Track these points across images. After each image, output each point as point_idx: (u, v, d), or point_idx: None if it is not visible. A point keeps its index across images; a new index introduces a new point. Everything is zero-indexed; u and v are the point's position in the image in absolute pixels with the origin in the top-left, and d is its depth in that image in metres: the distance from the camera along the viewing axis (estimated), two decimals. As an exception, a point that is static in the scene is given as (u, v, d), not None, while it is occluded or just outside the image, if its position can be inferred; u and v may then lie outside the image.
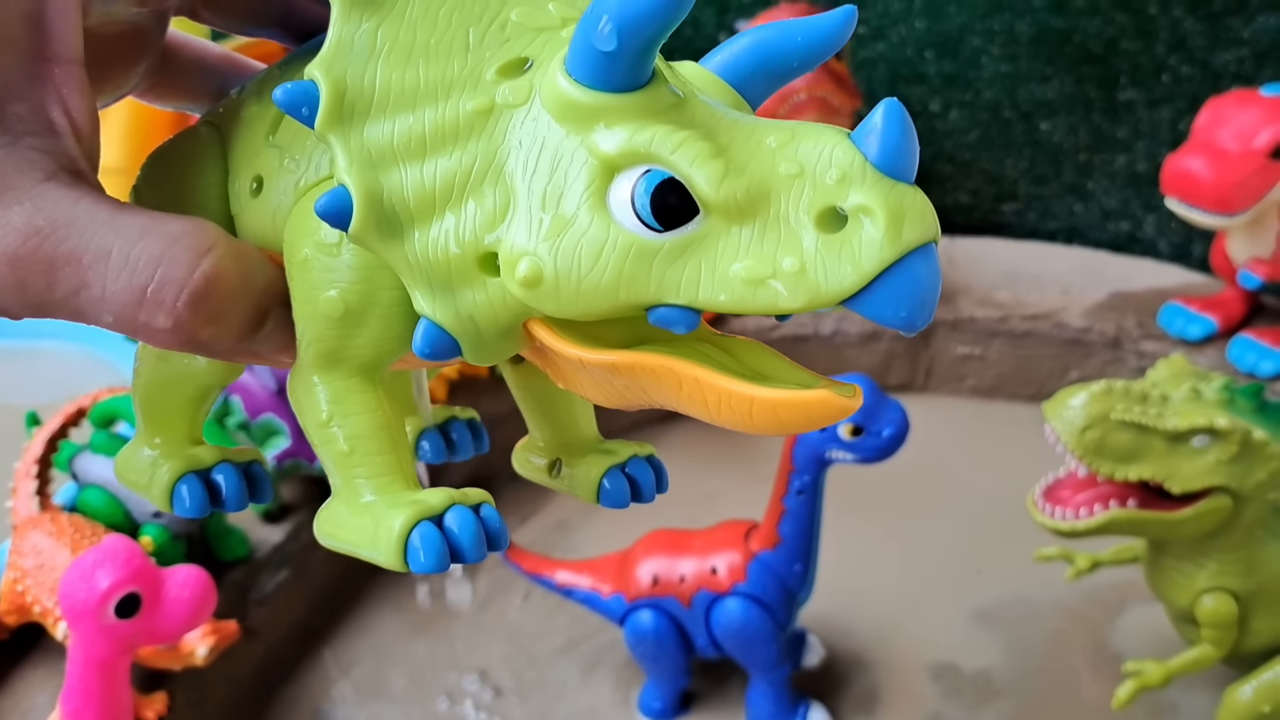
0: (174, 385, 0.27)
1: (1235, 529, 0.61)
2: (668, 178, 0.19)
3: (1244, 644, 0.64)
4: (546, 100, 0.19)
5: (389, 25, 0.20)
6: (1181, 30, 1.00)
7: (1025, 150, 1.10)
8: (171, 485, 0.26)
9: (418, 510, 0.21)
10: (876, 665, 0.74)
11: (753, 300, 0.18)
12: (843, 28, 0.20)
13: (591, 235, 0.19)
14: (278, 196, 0.23)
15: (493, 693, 0.73)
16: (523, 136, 0.20)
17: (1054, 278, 1.02)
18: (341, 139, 0.20)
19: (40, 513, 0.67)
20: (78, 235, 0.20)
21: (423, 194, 0.20)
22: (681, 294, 0.19)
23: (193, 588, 0.55)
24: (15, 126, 0.21)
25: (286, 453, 0.73)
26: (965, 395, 1.01)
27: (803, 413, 0.19)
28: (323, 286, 0.21)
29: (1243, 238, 0.88)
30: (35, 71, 0.21)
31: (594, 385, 0.21)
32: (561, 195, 0.19)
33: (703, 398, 0.20)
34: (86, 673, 0.55)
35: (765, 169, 0.19)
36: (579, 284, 0.19)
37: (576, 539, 0.85)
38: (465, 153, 0.20)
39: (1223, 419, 0.58)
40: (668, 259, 0.19)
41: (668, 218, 0.19)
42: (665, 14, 0.18)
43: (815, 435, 0.60)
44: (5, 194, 0.20)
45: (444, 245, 0.20)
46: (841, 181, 0.18)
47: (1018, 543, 0.75)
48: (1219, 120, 0.82)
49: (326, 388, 0.22)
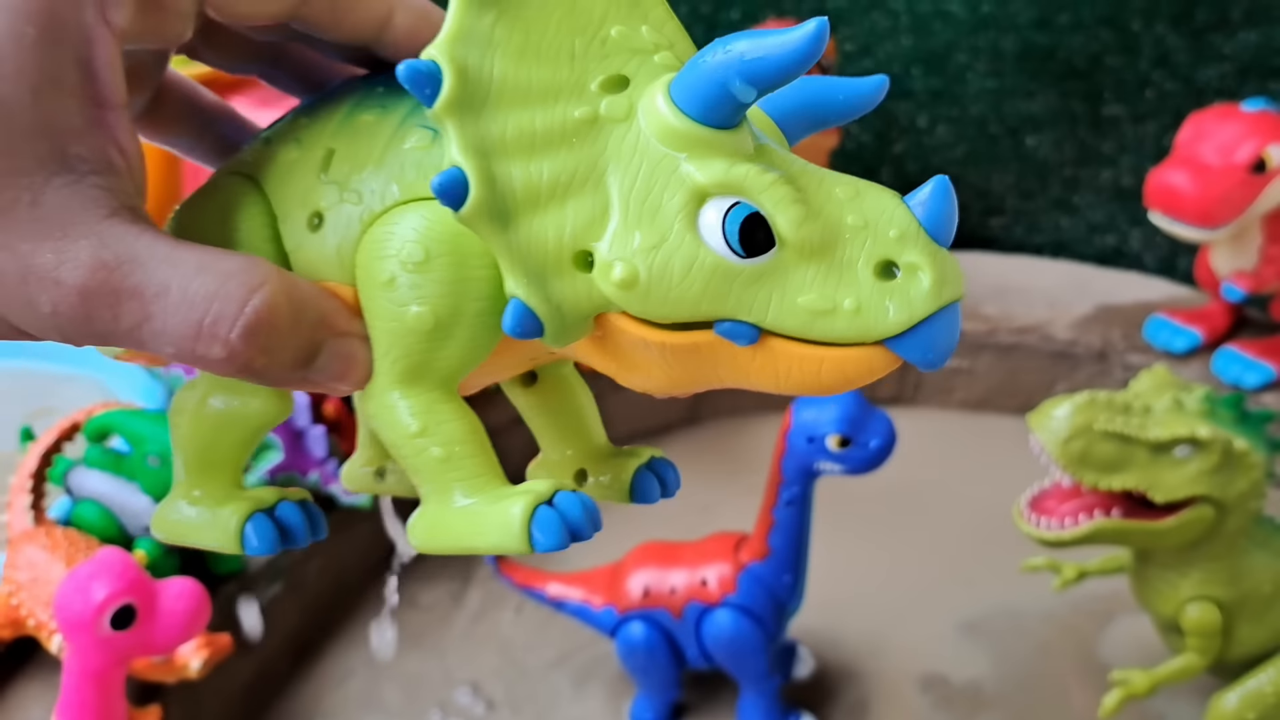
0: (223, 429, 0.27)
1: (1218, 538, 0.62)
2: (754, 212, 0.21)
3: (1228, 653, 0.65)
4: (650, 123, 0.22)
5: (505, 22, 0.22)
6: (1164, 46, 1.01)
7: (1012, 165, 1.12)
8: (241, 527, 0.26)
9: (532, 498, 0.22)
10: (866, 676, 0.75)
11: (811, 328, 0.21)
12: (876, 94, 0.23)
13: (684, 252, 0.21)
14: (341, 229, 0.24)
15: (485, 705, 0.74)
16: (623, 151, 0.22)
17: (1041, 291, 1.03)
18: (458, 124, 0.21)
19: (35, 527, 0.67)
20: (140, 270, 0.22)
21: (530, 189, 0.22)
22: (753, 313, 0.21)
23: (187, 600, 0.55)
24: (78, 166, 0.22)
25: (279, 467, 0.74)
26: (954, 408, 1.02)
27: (866, 365, 0.21)
28: (411, 302, 0.23)
29: (1226, 251, 0.89)
30: (90, 116, 0.22)
31: (660, 369, 0.23)
32: (658, 211, 0.21)
33: (774, 365, 0.22)
34: (82, 684, 0.55)
35: (835, 217, 0.21)
36: (668, 293, 0.21)
37: (568, 552, 0.86)
38: (570, 157, 0.22)
39: (1204, 429, 0.59)
40: (745, 282, 0.21)
41: (750, 247, 0.21)
42: (796, 71, 0.20)
43: (803, 447, 0.61)
44: (72, 229, 0.21)
45: (544, 239, 0.22)
46: (900, 240, 0.21)
47: (1006, 554, 0.76)
48: (1201, 135, 0.83)
49: (412, 401, 0.23)
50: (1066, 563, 0.73)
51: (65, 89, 0.21)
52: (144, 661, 0.60)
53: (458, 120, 0.21)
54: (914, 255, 0.21)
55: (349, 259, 0.24)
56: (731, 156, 0.21)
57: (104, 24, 0.22)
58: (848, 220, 0.21)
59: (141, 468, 0.67)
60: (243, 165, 0.27)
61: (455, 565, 0.85)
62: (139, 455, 0.67)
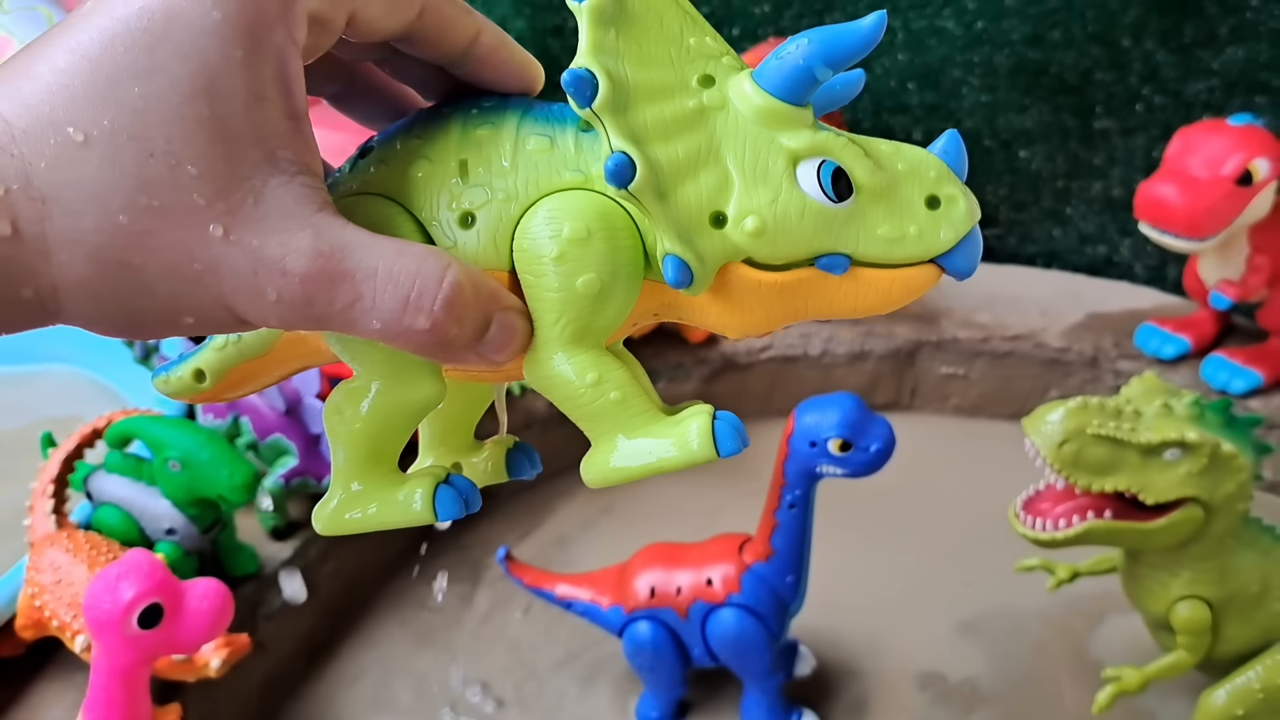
0: (392, 417, 0.30)
1: (1207, 538, 0.63)
2: (838, 167, 0.27)
3: (1217, 650, 0.66)
4: (744, 106, 0.27)
5: (623, 37, 0.26)
6: (1154, 62, 1.03)
7: (1005, 177, 1.13)
8: (431, 499, 0.29)
9: (706, 416, 0.27)
10: (866, 674, 0.76)
11: (890, 253, 0.27)
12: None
13: (795, 202, 0.27)
14: (494, 222, 0.28)
15: (495, 704, 0.75)
16: (729, 131, 0.27)
17: (1034, 300, 1.05)
18: (613, 119, 0.26)
19: (57, 530, 0.69)
20: (351, 256, 0.24)
21: (674, 165, 0.27)
22: (847, 246, 0.27)
23: (211, 599, 0.57)
24: (287, 169, 0.25)
25: (294, 471, 0.76)
26: (949, 414, 1.04)
27: (922, 280, 0.27)
28: (580, 272, 0.27)
29: (1213, 261, 0.91)
30: (290, 124, 0.25)
31: (762, 308, 0.28)
32: (767, 174, 0.27)
33: (856, 290, 0.27)
34: (110, 682, 0.57)
35: (890, 167, 0.27)
36: (789, 236, 0.27)
37: (576, 553, 0.88)
38: (694, 138, 0.27)
39: (1193, 433, 0.60)
40: (840, 221, 0.27)
41: (838, 194, 0.27)
42: (863, 52, 0.26)
43: (806, 450, 0.63)
44: (291, 221, 0.24)
45: (688, 205, 0.27)
46: (938, 179, 0.27)
47: (1001, 555, 0.77)
48: (1188, 149, 0.85)
49: (582, 357, 0.28)
50: (1060, 563, 0.75)
51: (269, 101, 0.24)
52: (165, 661, 0.62)
53: (612, 115, 0.26)
54: (950, 189, 0.27)
55: (505, 247, 0.28)
56: (810, 128, 0.27)
57: (293, 43, 0.25)
58: (899, 167, 0.27)
59: (162, 472, 0.68)
60: (368, 187, 0.29)
61: (465, 568, 0.87)
62: (159, 460, 0.68)
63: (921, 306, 1.04)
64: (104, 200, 0.23)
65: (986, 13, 1.04)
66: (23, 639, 0.67)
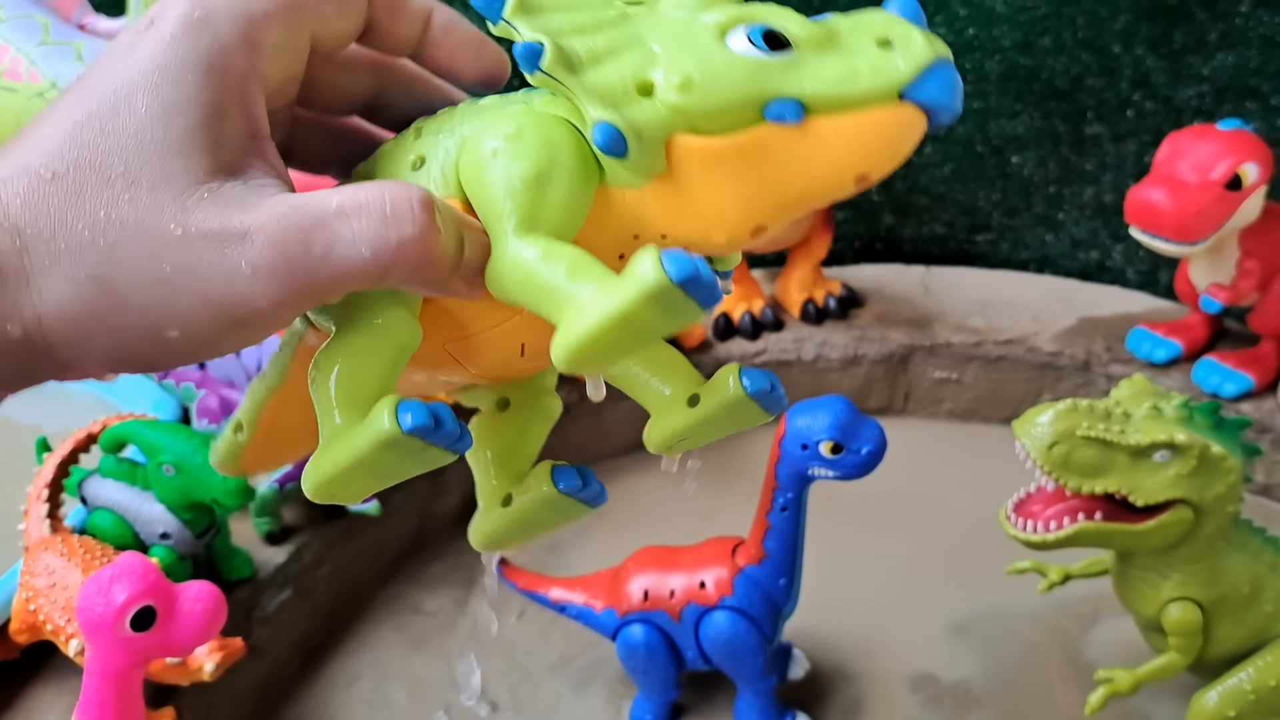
0: (371, 358, 0.29)
1: (1197, 540, 0.63)
2: (769, 28, 0.27)
3: (1208, 652, 0.66)
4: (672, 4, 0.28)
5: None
6: (1144, 68, 1.04)
7: (997, 183, 1.14)
8: (394, 409, 0.27)
9: (650, 249, 0.24)
10: (859, 677, 0.77)
11: (841, 91, 0.26)
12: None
13: (723, 57, 0.26)
14: (441, 156, 0.30)
15: (489, 707, 0.75)
16: (656, 23, 0.28)
17: (1026, 305, 1.06)
18: (524, 19, 0.27)
19: (52, 535, 0.69)
20: (313, 204, 0.26)
21: (590, 51, 0.27)
22: (790, 87, 0.26)
23: (205, 602, 0.57)
24: (248, 176, 0.27)
25: (289, 476, 0.76)
26: (942, 418, 1.04)
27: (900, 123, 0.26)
28: (516, 161, 0.28)
29: (1204, 265, 0.91)
30: (251, 143, 0.28)
31: (732, 191, 0.27)
32: (693, 41, 0.27)
33: (824, 146, 0.26)
34: (102, 685, 0.57)
35: (832, 24, 0.27)
36: (718, 85, 0.26)
37: (570, 557, 0.88)
38: (615, 34, 0.28)
39: (1182, 434, 0.61)
40: (777, 70, 0.26)
41: (771, 47, 0.26)
42: None
43: (797, 453, 0.63)
44: (249, 200, 0.26)
45: (609, 78, 0.27)
46: (886, 24, 0.26)
47: (993, 558, 0.77)
48: (1178, 153, 0.85)
49: (532, 241, 0.27)
50: (1052, 565, 0.75)
51: (230, 119, 0.27)
52: (159, 664, 0.62)
53: (524, 16, 0.27)
54: (902, 29, 0.26)
55: (452, 175, 0.29)
56: (736, 3, 0.27)
57: (254, 71, 0.28)
58: (843, 25, 0.27)
59: (156, 477, 0.69)
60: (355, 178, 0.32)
61: (459, 573, 0.87)
62: (154, 465, 0.69)
63: (914, 311, 1.05)
64: (70, 223, 0.25)
65: (977, 20, 1.05)
66: (17, 643, 0.67)
